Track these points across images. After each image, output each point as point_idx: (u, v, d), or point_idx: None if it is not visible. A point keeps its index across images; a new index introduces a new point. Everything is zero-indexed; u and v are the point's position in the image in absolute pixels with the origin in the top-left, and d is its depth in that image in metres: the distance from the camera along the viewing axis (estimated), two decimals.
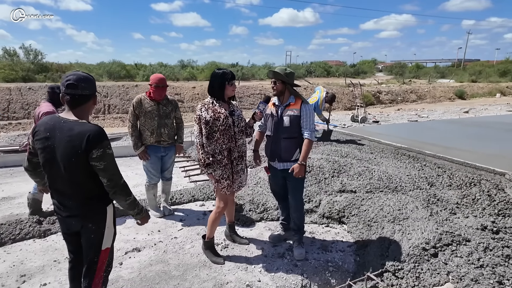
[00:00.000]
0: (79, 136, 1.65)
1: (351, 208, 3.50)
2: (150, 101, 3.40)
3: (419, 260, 2.56)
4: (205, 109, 2.54)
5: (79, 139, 1.64)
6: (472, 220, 3.00)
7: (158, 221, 3.55)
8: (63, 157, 1.68)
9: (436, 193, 3.58)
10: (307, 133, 2.73)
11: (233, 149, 2.62)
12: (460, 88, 24.26)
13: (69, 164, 1.68)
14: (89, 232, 1.83)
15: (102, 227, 1.83)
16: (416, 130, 8.28)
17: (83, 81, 1.73)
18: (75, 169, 1.70)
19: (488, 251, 2.52)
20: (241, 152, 2.70)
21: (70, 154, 1.66)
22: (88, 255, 1.87)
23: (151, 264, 2.75)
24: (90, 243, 1.85)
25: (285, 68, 2.78)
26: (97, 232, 1.83)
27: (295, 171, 2.70)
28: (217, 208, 2.74)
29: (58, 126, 1.71)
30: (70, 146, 1.66)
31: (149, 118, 3.39)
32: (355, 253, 2.94)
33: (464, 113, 13.80)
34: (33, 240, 3.13)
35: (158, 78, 3.38)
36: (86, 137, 1.64)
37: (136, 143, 3.43)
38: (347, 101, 18.13)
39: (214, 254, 2.81)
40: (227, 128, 2.56)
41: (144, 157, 3.46)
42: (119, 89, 14.62)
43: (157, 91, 3.38)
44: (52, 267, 2.69)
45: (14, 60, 24.85)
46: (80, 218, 1.80)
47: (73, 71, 1.79)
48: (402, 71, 38.84)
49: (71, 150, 1.66)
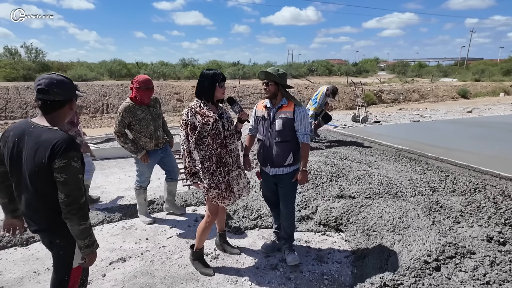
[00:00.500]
0: (45, 143, 1.50)
1: (349, 215, 3.34)
2: (140, 107, 3.16)
3: (420, 274, 2.39)
4: (192, 113, 2.37)
5: (45, 147, 1.49)
6: (477, 230, 2.82)
7: (147, 228, 3.40)
8: (28, 166, 1.53)
9: (438, 199, 3.40)
10: (302, 137, 2.57)
11: (224, 155, 2.45)
12: (463, 87, 23.97)
13: (34, 174, 1.53)
14: (58, 249, 1.68)
15: (72, 243, 1.65)
16: (418, 131, 8.09)
17: (56, 85, 1.57)
18: (40, 180, 1.53)
19: (495, 266, 2.35)
20: (234, 157, 2.53)
21: (35, 163, 1.51)
22: (58, 272, 1.73)
23: (135, 276, 2.59)
24: (60, 260, 1.70)
25: (277, 69, 2.61)
26: (67, 249, 1.67)
27: (299, 179, 2.58)
28: (207, 218, 2.58)
29: (28, 131, 1.57)
30: (35, 154, 1.50)
31: (144, 124, 3.18)
32: (352, 264, 2.78)
33: (467, 112, 13.57)
34: (15, 248, 2.99)
35: (146, 79, 3.12)
36: (51, 145, 1.48)
37: (135, 148, 3.21)
38: (349, 101, 17.92)
39: (203, 265, 2.65)
40: (217, 133, 2.39)
41: (146, 160, 3.28)
42: (118, 88, 14.48)
43: (146, 94, 3.13)
44: (30, 279, 2.54)
45: (15, 59, 24.80)
46: (47, 233, 1.66)
47: (47, 73, 1.62)
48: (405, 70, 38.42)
49: (36, 159, 1.50)
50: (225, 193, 2.46)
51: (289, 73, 28.86)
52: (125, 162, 6.04)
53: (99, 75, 22.77)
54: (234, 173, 2.53)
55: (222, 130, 2.42)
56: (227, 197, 2.48)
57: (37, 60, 26.30)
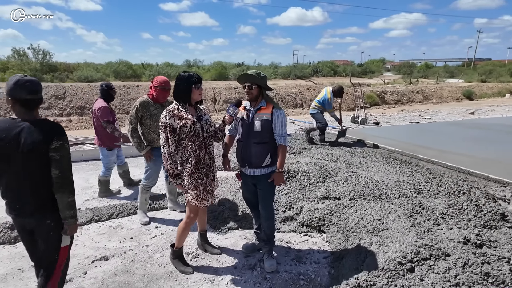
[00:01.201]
0: (42, 129, 1.76)
1: (331, 216, 3.36)
2: (154, 104, 3.37)
3: (394, 275, 2.41)
4: (171, 116, 2.42)
5: (43, 132, 1.75)
6: (455, 232, 2.83)
7: (133, 227, 3.47)
8: (25, 150, 1.72)
9: (422, 201, 3.41)
10: (279, 139, 2.62)
11: (203, 156, 2.51)
12: (469, 88, 23.73)
13: (31, 156, 1.74)
14: (48, 229, 1.85)
15: (60, 223, 1.85)
16: (414, 133, 8.06)
17: (39, 85, 1.83)
18: (36, 161, 1.75)
19: (467, 268, 2.36)
20: (211, 159, 2.59)
21: (34, 145, 1.72)
22: (46, 254, 1.89)
23: (116, 274, 2.66)
24: (50, 241, 1.87)
25: (259, 72, 2.66)
26: (56, 229, 1.86)
27: (275, 180, 2.62)
28: (187, 218, 2.62)
29: (17, 125, 1.75)
30: (34, 139, 1.73)
31: (154, 121, 3.34)
32: (330, 265, 2.81)
33: (469, 114, 13.43)
34: (3, 246, 3.08)
35: (164, 81, 3.36)
36: (49, 130, 1.77)
37: (139, 144, 3.38)
38: (351, 102, 17.86)
39: (182, 264, 2.71)
40: (195, 135, 2.45)
41: (149, 158, 3.40)
42: (120, 89, 14.64)
43: (162, 94, 3.35)
44: (14, 276, 2.63)
45: (22, 60, 25.21)
46: (38, 216, 1.83)
47: (21, 75, 1.79)
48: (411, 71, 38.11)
49: (36, 142, 1.73)
50: (203, 195, 2.51)
51: (293, 73, 28.87)
52: None
53: (105, 76, 23.04)
54: (212, 174, 2.58)
55: (201, 132, 2.47)
56: (205, 198, 2.53)
57: (44, 61, 26.72)
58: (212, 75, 25.51)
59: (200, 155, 2.48)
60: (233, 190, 4.15)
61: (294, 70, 30.20)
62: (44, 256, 1.89)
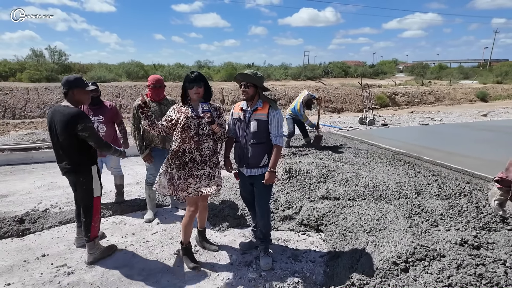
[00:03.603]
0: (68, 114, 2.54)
1: (330, 216, 3.38)
2: (152, 103, 3.45)
3: (387, 275, 2.42)
4: (174, 110, 2.63)
5: (69, 116, 2.53)
6: (453, 234, 2.81)
7: (135, 223, 3.56)
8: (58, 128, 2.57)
9: (421, 202, 3.39)
10: (274, 139, 2.65)
11: (191, 151, 2.55)
12: (483, 90, 23.22)
13: (62, 134, 2.56)
14: (82, 184, 2.69)
15: (90, 180, 2.72)
16: (422, 134, 7.96)
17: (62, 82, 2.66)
18: (67, 138, 2.57)
19: (461, 269, 2.35)
20: (204, 157, 2.61)
21: (64, 125, 2.54)
22: (83, 201, 2.75)
23: (116, 268, 2.75)
24: (85, 192, 2.72)
25: (256, 72, 2.70)
26: (88, 183, 2.71)
27: (265, 179, 2.63)
28: (188, 212, 2.70)
29: (56, 109, 2.62)
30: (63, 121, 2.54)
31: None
32: (326, 264, 2.83)
33: (482, 116, 13.16)
34: (11, 239, 3.21)
35: (155, 79, 3.45)
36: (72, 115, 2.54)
37: (140, 147, 3.46)
38: (360, 103, 17.72)
39: (191, 260, 2.76)
40: (185, 128, 2.51)
41: (149, 160, 3.49)
42: (131, 89, 14.92)
43: (155, 92, 3.44)
44: (20, 267, 2.74)
45: (39, 61, 25.93)
46: (74, 174, 2.68)
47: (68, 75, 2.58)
48: (424, 72, 37.46)
49: (64, 123, 2.54)
50: (164, 183, 2.62)
51: (303, 74, 28.80)
52: (127, 161, 6.28)
53: (117, 76, 23.48)
54: (200, 171, 2.61)
55: (194, 127, 2.53)
56: (164, 188, 2.63)
57: (60, 62, 27.39)
58: (222, 75, 25.68)
59: (184, 148, 2.54)
60: (234, 189, 4.21)
61: (304, 71, 30.13)
62: (82, 202, 2.75)
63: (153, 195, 3.71)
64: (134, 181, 5.00)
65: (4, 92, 13.70)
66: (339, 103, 18.39)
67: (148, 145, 3.48)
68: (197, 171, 2.59)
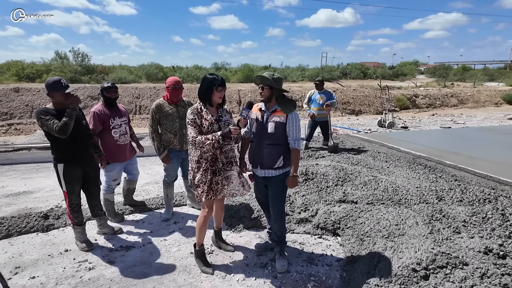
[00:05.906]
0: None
1: (347, 220, 3.33)
2: (169, 104, 3.49)
3: (406, 281, 2.36)
4: (196, 113, 2.54)
5: None
6: (476, 241, 2.71)
7: (153, 222, 3.63)
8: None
9: (443, 208, 3.29)
10: (293, 142, 2.64)
11: (219, 155, 2.60)
12: (510, 92, 22.28)
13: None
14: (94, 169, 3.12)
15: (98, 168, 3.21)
16: (444, 138, 7.72)
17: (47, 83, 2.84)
18: None
19: (486, 278, 2.27)
20: (229, 158, 2.66)
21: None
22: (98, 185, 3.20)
23: (134, 265, 2.81)
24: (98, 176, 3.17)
25: (272, 73, 2.71)
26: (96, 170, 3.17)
27: (289, 183, 2.65)
28: (202, 213, 2.72)
29: None
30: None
31: (170, 120, 3.45)
32: (342, 268, 2.79)
33: (508, 119, 12.63)
34: (36, 234, 3.34)
35: (175, 81, 3.49)
36: None
37: (158, 148, 3.48)
38: (379, 105, 17.39)
39: (203, 264, 2.77)
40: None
41: (167, 161, 3.52)
42: (150, 90, 15.23)
43: (174, 93, 3.47)
44: (44, 261, 2.85)
45: (63, 63, 26.94)
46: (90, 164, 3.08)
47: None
48: (446, 73, 36.28)
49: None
50: (208, 189, 2.58)
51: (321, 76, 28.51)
52: (146, 160, 6.43)
53: (137, 78, 24.05)
54: (228, 172, 2.66)
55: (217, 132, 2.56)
56: (208, 193, 2.59)
57: (83, 63, 28.34)
58: (239, 77, 25.83)
59: (216, 153, 2.56)
60: (251, 190, 4.21)
61: (321, 72, 29.86)
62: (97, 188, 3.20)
63: (170, 195, 3.76)
64: (153, 180, 5.10)
65: (31, 92, 14.30)
66: (357, 105, 18.12)
67: (166, 146, 3.51)
68: (226, 172, 2.63)
